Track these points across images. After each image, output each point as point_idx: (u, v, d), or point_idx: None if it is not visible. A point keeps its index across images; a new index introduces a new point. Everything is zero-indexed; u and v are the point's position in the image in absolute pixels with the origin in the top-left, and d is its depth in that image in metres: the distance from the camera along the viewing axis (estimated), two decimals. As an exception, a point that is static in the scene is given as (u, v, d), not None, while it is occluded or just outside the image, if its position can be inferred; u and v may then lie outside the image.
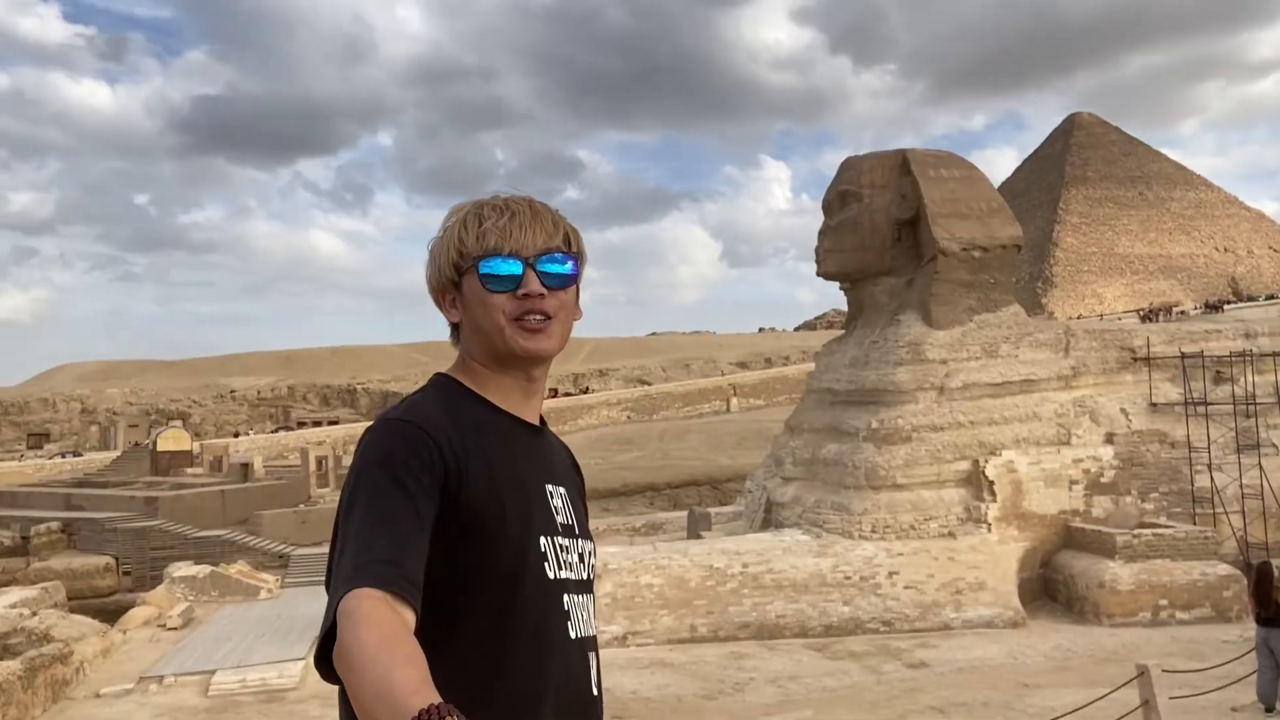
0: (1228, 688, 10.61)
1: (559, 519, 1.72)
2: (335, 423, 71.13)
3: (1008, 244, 24.39)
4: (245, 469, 44.11)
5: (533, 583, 1.61)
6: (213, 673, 18.72)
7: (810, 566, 19.96)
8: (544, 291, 1.67)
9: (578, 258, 1.73)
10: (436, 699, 1.17)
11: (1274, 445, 23.53)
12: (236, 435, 67.89)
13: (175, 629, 22.31)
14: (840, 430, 23.33)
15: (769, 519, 24.11)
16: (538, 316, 1.67)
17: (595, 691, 1.70)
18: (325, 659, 1.42)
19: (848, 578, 20.07)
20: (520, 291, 1.66)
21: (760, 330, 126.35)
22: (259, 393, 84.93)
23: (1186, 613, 19.73)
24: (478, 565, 1.59)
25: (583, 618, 1.70)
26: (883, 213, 24.04)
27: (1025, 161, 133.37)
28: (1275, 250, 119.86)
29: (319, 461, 42.93)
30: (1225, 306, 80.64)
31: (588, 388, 77.11)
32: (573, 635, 1.67)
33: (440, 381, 1.80)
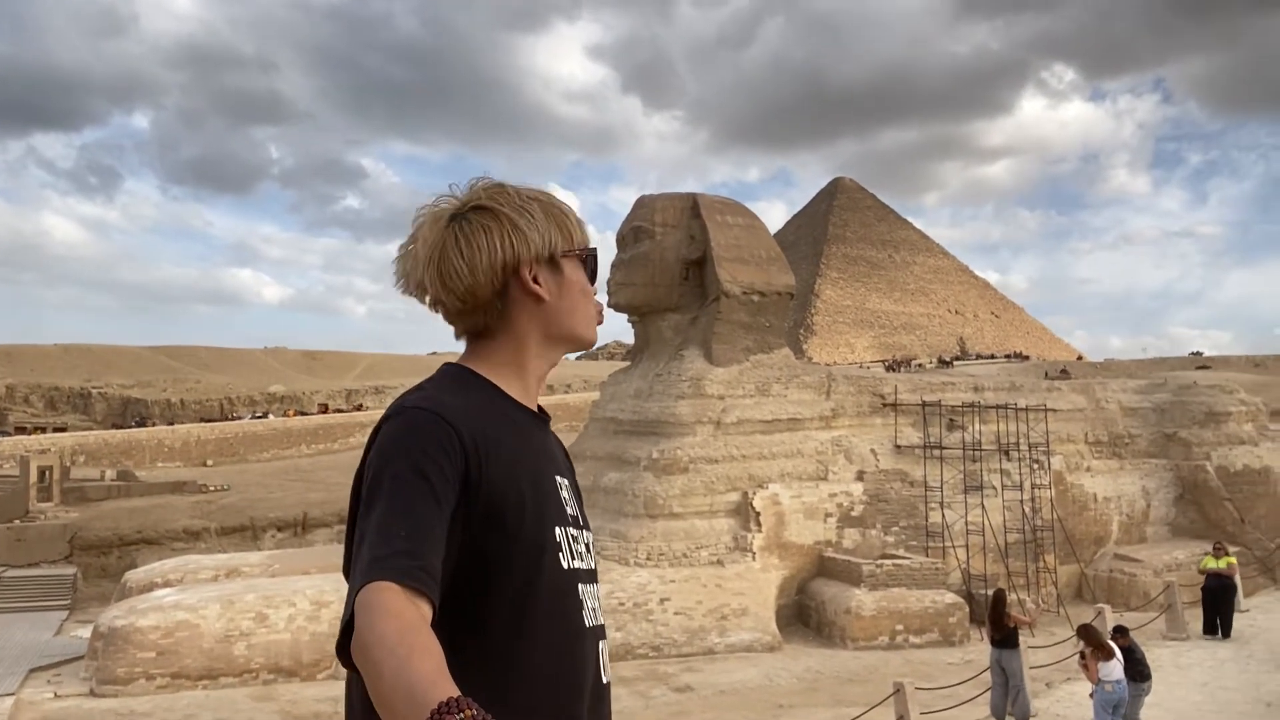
0: (959, 707, 11.84)
1: (568, 510, 1.74)
2: (63, 429, 63.49)
3: (782, 291, 26.13)
4: (-54, 477, 38.36)
5: (550, 573, 1.62)
6: (-105, 713, 16.08)
7: (586, 593, 20.14)
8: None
9: None
10: (455, 691, 1.17)
11: (994, 487, 26.60)
12: (-65, 438, 58.90)
13: None
14: (622, 459, 23.86)
15: (546, 545, 24.12)
16: (598, 309, 1.88)
17: (606, 678, 1.74)
18: (346, 648, 1.38)
19: (621, 604, 20.46)
20: (595, 285, 1.87)
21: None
22: (-33, 391, 74.26)
23: (918, 636, 21.75)
24: (498, 556, 1.58)
25: (593, 607, 1.74)
26: (673, 251, 25.06)
27: (794, 216, 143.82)
28: (996, 315, 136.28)
29: (42, 472, 38.05)
30: (955, 362, 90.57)
31: (361, 405, 73.84)
32: (587, 624, 1.69)
33: (454, 371, 1.77)
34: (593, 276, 1.86)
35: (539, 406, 1.86)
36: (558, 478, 1.77)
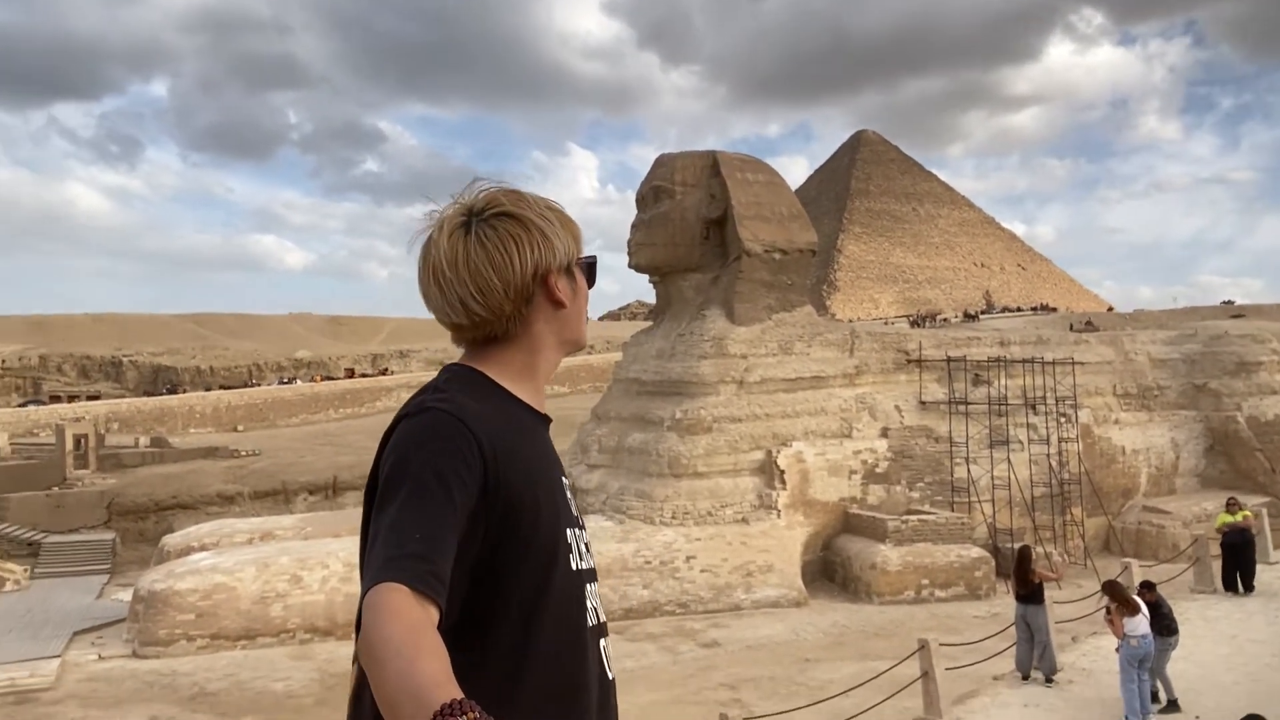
0: (986, 661, 11.92)
1: (572, 509, 1.77)
2: (96, 397, 64.59)
3: (804, 248, 25.91)
4: (-14, 446, 39.26)
5: (561, 575, 1.65)
6: (-52, 674, 16.65)
7: (613, 552, 20.40)
8: None
9: None
10: (459, 693, 1.18)
11: (1020, 442, 26.49)
12: (-27, 408, 60.17)
13: (-102, 627, 19.62)
14: (646, 419, 23.96)
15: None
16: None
17: (611, 675, 1.77)
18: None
19: (648, 562, 20.69)
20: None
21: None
22: (3, 361, 75.65)
23: (944, 591, 21.85)
24: (512, 560, 1.60)
25: (594, 606, 1.75)
26: (693, 210, 24.88)
27: (816, 171, 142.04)
28: (1023, 268, 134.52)
29: (77, 440, 38.81)
30: (981, 316, 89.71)
31: (386, 369, 74.47)
32: (590, 623, 1.72)
33: (464, 373, 1.77)
34: (592, 282, 1.92)
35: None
36: (563, 479, 1.80)
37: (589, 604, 1.73)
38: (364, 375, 70.45)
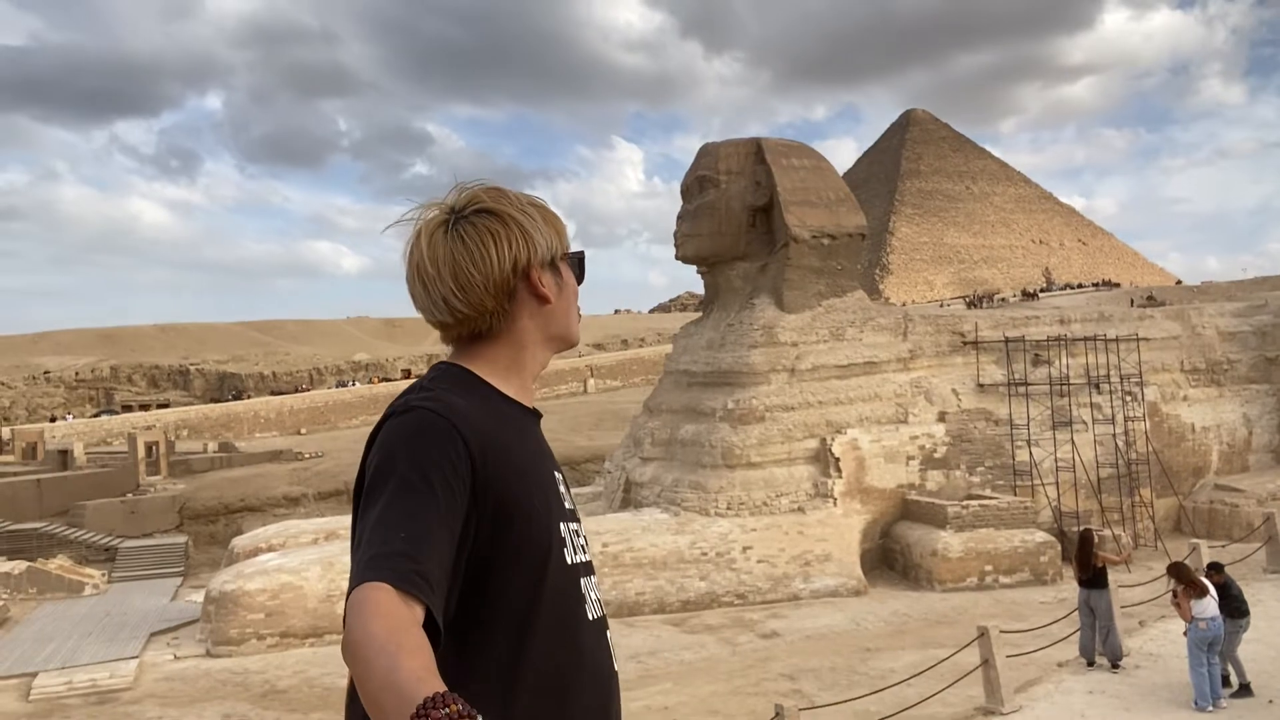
0: (1051, 647, 11.66)
1: (566, 504, 1.77)
2: (165, 405, 66.71)
3: (853, 232, 25.57)
4: (64, 456, 40.76)
5: (556, 569, 1.65)
6: (34, 675, 17.36)
7: (669, 544, 20.42)
8: None
9: None
10: (441, 687, 1.19)
11: (1084, 422, 25.83)
12: (53, 419, 62.54)
13: (-12, 631, 20.51)
14: (697, 411, 23.92)
15: (628, 498, 24.48)
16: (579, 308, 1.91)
17: (614, 667, 1.78)
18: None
19: (704, 554, 20.67)
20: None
21: (616, 312, 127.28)
22: (77, 373, 78.48)
23: (1009, 577, 21.44)
24: (506, 554, 1.60)
25: (594, 598, 1.75)
26: (738, 199, 24.71)
27: (865, 153, 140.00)
28: (1083, 243, 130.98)
29: (149, 447, 40.16)
30: (1040, 294, 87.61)
31: (410, 372, 75.35)
32: (590, 617, 1.71)
33: (452, 370, 1.77)
34: (581, 278, 1.90)
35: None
36: (555, 472, 1.79)
37: (590, 596, 1.73)
38: (420, 375, 71.56)
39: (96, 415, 63.65)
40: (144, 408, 65.87)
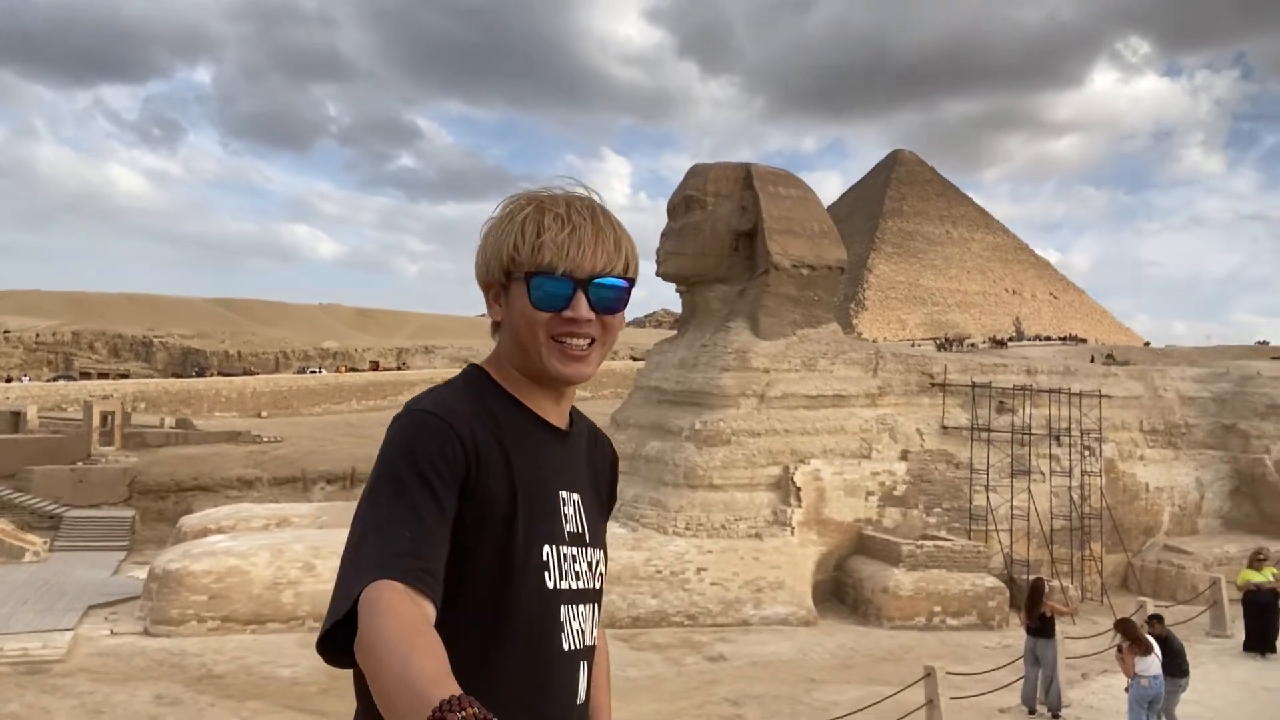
0: (994, 692, 11.76)
1: (567, 527, 1.69)
2: (125, 376, 65.55)
3: (833, 265, 25.80)
4: (16, 418, 39.86)
5: (530, 591, 1.60)
6: (-36, 640, 16.92)
7: (624, 559, 20.37)
8: (591, 317, 1.62)
9: (631, 282, 1.67)
10: (457, 690, 1.18)
11: (1042, 473, 26.16)
12: (8, 380, 61.27)
13: (-81, 591, 19.97)
14: (664, 428, 23.94)
15: (586, 510, 24.37)
16: (580, 341, 1.63)
17: (580, 699, 1.69)
18: (329, 644, 1.41)
19: (659, 571, 20.64)
20: (567, 314, 1.60)
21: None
22: (37, 335, 76.98)
23: (956, 619, 21.60)
24: (480, 565, 1.57)
25: (577, 629, 1.68)
26: (724, 222, 24.87)
27: (850, 189, 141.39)
28: (1055, 296, 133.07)
29: (104, 417, 39.36)
30: (1009, 343, 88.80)
31: (404, 364, 74.90)
32: (565, 647, 1.65)
33: (472, 374, 1.74)
34: (535, 303, 1.62)
35: (572, 417, 1.79)
36: (563, 492, 1.70)
37: (570, 626, 1.66)
38: (386, 369, 70.98)
39: (54, 380, 62.41)
40: (103, 376, 64.69)
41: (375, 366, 72.92)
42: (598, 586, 1.75)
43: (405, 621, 1.30)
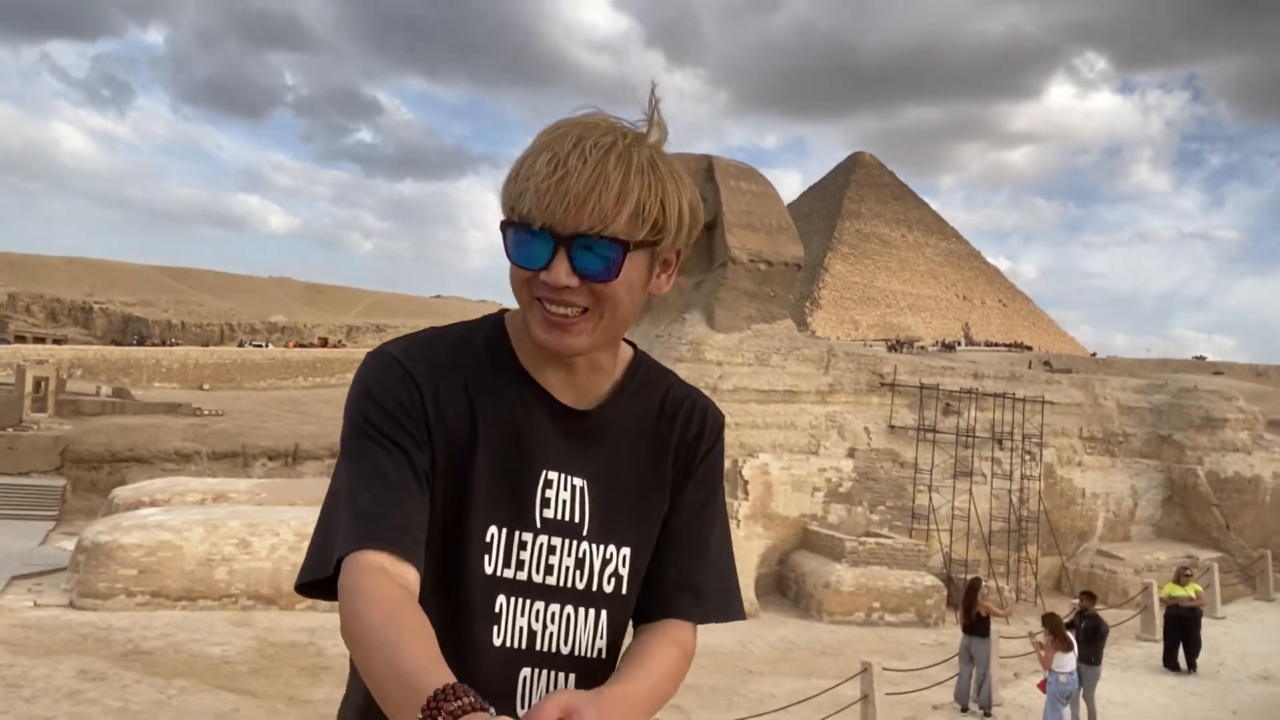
0: (929, 689, 11.92)
1: (545, 512, 1.47)
2: (62, 341, 63.61)
3: (790, 262, 25.92)
4: (-58, 380, 38.49)
5: (463, 572, 1.43)
6: (-125, 609, 16.23)
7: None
8: (572, 283, 1.33)
9: (626, 246, 1.33)
10: (449, 677, 1.09)
11: (983, 475, 26.64)
12: (-66, 340, 59.13)
13: None
14: (614, 417, 23.86)
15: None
16: (562, 309, 1.35)
17: (522, 710, 1.45)
18: (306, 585, 1.37)
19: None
20: (543, 276, 1.34)
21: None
22: (-31, 296, 74.32)
23: (895, 615, 21.91)
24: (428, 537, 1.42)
25: (520, 625, 1.45)
26: (683, 213, 24.80)
27: (810, 188, 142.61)
28: (1004, 304, 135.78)
29: (38, 383, 38.09)
30: (957, 347, 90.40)
31: (341, 342, 73.51)
32: (496, 642, 1.44)
33: (488, 322, 1.54)
34: (511, 256, 1.37)
35: (622, 391, 1.52)
36: (549, 473, 1.47)
37: (505, 618, 1.44)
38: (336, 345, 69.88)
39: (-15, 342, 60.33)
40: (39, 341, 62.71)
41: (324, 343, 71.71)
42: (575, 585, 1.48)
43: (386, 606, 1.21)
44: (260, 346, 66.24)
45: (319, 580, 1.34)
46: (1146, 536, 29.60)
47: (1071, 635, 11.26)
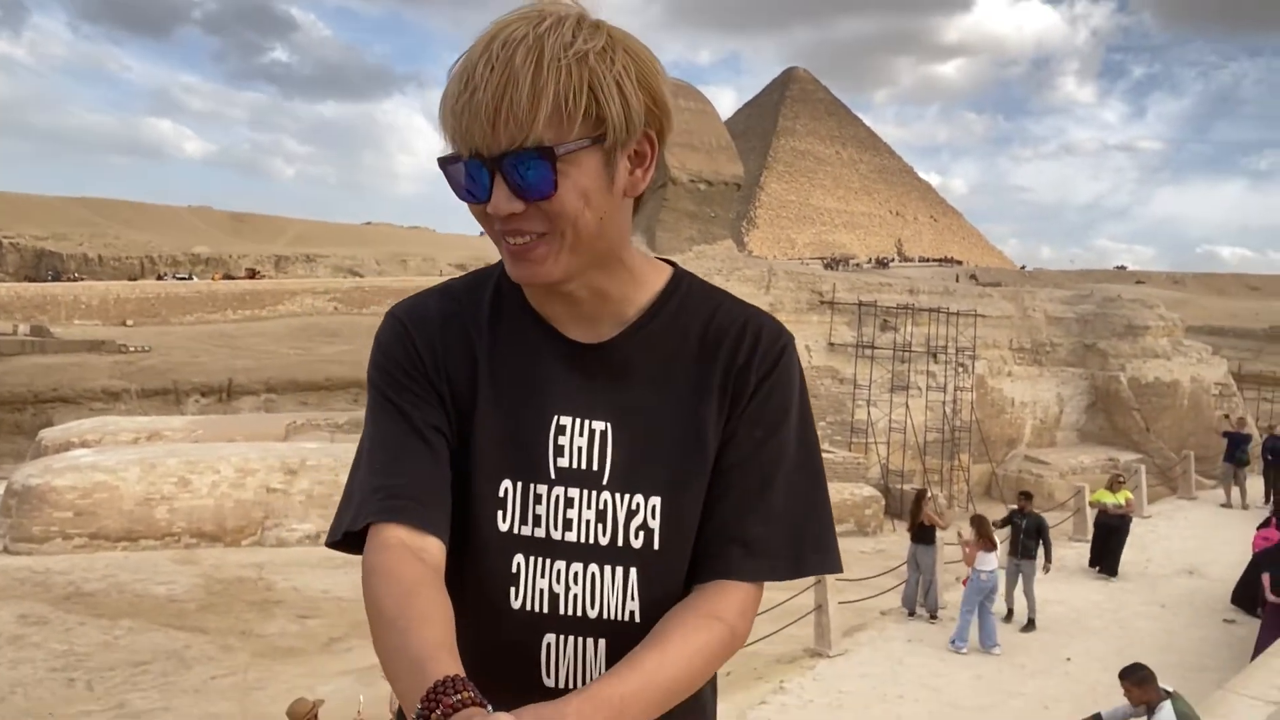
0: (878, 596, 12.39)
1: (558, 461, 1.33)
2: (-31, 279, 60.52)
3: (730, 181, 25.75)
4: None
5: (474, 532, 1.33)
6: None
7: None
8: (517, 208, 1.17)
9: (551, 153, 1.14)
10: (454, 667, 1.04)
11: (919, 388, 27.32)
12: None
13: None
14: (557, 342, 23.75)
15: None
16: (520, 239, 1.21)
17: (548, 679, 1.33)
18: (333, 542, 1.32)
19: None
20: (488, 208, 1.19)
21: (482, 234, 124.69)
22: None
23: (837, 526, 22.48)
24: None
25: (540, 586, 1.32)
26: (621, 132, 24.36)
27: (745, 105, 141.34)
28: (935, 219, 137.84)
29: (-54, 323, 36.40)
30: (891, 264, 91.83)
31: (256, 272, 71.04)
32: (515, 605, 1.32)
33: (496, 267, 1.41)
34: (456, 190, 1.22)
35: (649, 319, 1.38)
36: (562, 418, 1.34)
37: (523, 578, 1.32)
38: (266, 276, 67.82)
39: (-116, 281, 57.12)
40: (-57, 279, 59.56)
41: (253, 274, 69.50)
42: (623, 543, 1.32)
43: (401, 586, 1.17)
44: (185, 279, 63.90)
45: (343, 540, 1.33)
46: (1071, 441, 30.88)
47: (1008, 533, 11.81)
